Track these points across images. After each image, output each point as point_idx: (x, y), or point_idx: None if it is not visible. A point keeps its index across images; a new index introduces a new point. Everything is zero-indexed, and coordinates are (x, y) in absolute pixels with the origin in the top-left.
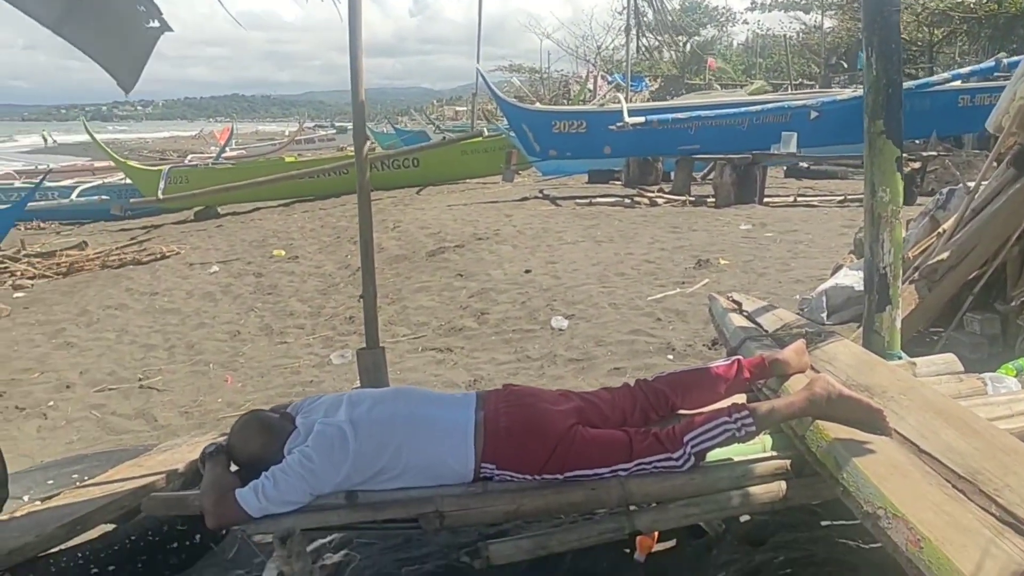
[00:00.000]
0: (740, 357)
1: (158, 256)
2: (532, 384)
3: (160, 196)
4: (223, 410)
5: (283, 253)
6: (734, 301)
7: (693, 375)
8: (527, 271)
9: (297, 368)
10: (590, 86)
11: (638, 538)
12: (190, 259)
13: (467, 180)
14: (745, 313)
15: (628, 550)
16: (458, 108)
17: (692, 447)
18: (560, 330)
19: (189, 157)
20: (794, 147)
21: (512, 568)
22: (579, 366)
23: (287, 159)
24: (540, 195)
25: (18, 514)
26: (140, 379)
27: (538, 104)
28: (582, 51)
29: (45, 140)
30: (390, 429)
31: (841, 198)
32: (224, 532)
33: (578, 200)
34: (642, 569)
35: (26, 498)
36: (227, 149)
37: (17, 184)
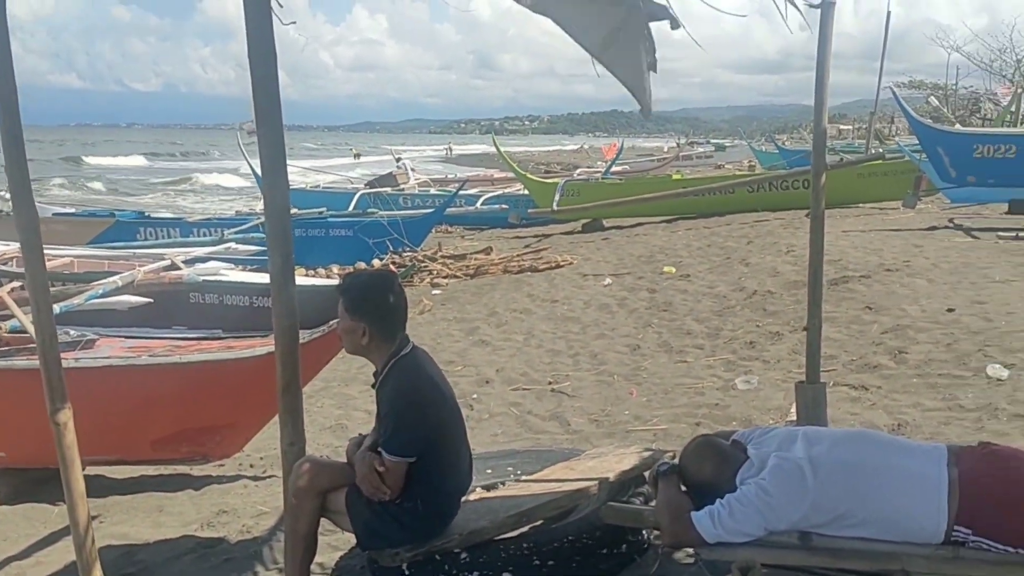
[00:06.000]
0: None
1: (553, 265)
2: (969, 439)
3: (555, 208)
4: (631, 422)
5: (673, 270)
6: None
7: None
8: (950, 309)
9: (701, 389)
10: (1012, 107)
11: None
12: (583, 270)
13: (861, 204)
14: None
15: None
16: (841, 127)
17: None
18: (999, 380)
19: (578, 171)
20: None
21: None
22: None
23: (673, 176)
24: (951, 225)
25: (472, 498)
26: (550, 382)
27: (958, 126)
28: (998, 65)
29: (396, 159)
30: (854, 474)
31: None
32: (646, 546)
33: (1000, 232)
34: None
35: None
36: (614, 164)
37: (432, 191)
